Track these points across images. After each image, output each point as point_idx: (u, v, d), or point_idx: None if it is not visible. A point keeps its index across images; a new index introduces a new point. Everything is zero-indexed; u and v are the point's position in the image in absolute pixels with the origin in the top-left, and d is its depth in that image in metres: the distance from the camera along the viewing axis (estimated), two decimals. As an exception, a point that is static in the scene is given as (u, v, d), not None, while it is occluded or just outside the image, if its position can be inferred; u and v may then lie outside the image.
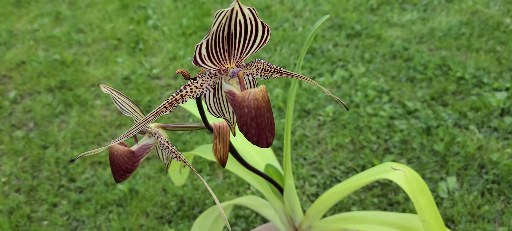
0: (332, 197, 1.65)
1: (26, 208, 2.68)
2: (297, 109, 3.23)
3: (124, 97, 1.18)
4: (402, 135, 2.86)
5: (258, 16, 0.88)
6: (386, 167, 1.54)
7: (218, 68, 0.94)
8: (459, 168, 2.60)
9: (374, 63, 3.70)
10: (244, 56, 0.95)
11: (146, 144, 1.26)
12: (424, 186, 1.51)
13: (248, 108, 0.88)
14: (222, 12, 0.84)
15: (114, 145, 1.22)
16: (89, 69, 4.11)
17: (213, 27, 0.85)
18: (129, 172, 1.25)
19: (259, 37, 0.92)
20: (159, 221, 2.55)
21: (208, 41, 0.87)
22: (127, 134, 0.96)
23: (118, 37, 4.64)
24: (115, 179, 1.26)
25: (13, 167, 3.01)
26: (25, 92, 3.85)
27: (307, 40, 1.59)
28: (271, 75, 1.04)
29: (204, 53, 0.89)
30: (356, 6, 4.71)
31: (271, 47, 4.14)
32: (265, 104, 0.89)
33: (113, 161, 1.23)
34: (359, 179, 1.59)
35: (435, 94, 3.20)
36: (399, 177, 1.47)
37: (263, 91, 0.89)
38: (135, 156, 1.24)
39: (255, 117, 0.89)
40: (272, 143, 0.93)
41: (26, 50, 4.51)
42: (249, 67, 0.99)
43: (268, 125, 0.91)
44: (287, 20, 4.63)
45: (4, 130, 3.39)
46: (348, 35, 4.18)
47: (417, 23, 4.27)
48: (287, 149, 1.66)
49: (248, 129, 0.90)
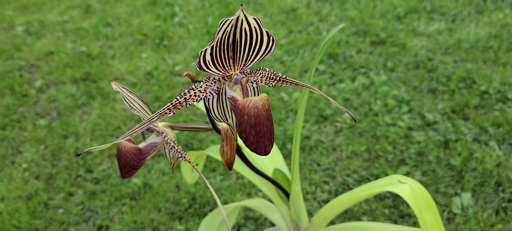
0: (337, 206, 1.64)
1: (43, 195, 2.76)
2: (314, 115, 3.22)
3: (133, 95, 1.20)
4: (419, 146, 2.82)
5: (263, 26, 0.89)
6: (393, 179, 1.52)
7: (223, 74, 0.96)
8: (475, 184, 2.55)
9: (397, 72, 3.66)
10: (249, 63, 0.96)
11: (154, 142, 1.29)
12: (431, 201, 1.49)
13: (248, 115, 0.90)
14: (227, 20, 0.85)
15: (122, 141, 1.25)
16: (113, 62, 4.20)
17: (218, 34, 0.87)
18: (135, 169, 1.28)
19: (264, 46, 0.93)
20: (170, 217, 2.58)
21: (213, 47, 0.89)
22: (131, 132, 0.98)
23: (144, 32, 4.71)
24: (121, 175, 1.30)
25: (34, 154, 3.10)
26: (51, 82, 3.96)
27: (320, 48, 1.59)
28: (276, 83, 1.05)
29: (208, 59, 0.91)
30: (383, 13, 4.67)
31: (294, 51, 4.14)
32: (265, 113, 0.90)
33: (121, 157, 1.26)
34: (365, 190, 1.58)
35: (457, 107, 3.14)
36: (404, 190, 1.45)
37: (263, 100, 0.90)
38: (142, 153, 1.27)
39: (255, 124, 0.90)
40: (270, 151, 0.94)
41: (55, 41, 4.63)
42: (254, 75, 1.00)
43: (267, 133, 0.92)
44: (312, 24, 4.62)
45: (29, 118, 3.49)
46: (372, 42, 4.15)
47: (444, 33, 4.20)
48: (296, 155, 1.67)
49: (247, 136, 0.91)
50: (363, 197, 1.63)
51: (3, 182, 2.89)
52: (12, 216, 2.63)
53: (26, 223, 2.57)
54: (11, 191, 2.81)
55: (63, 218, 2.61)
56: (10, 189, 2.83)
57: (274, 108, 3.35)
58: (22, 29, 4.93)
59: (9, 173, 2.97)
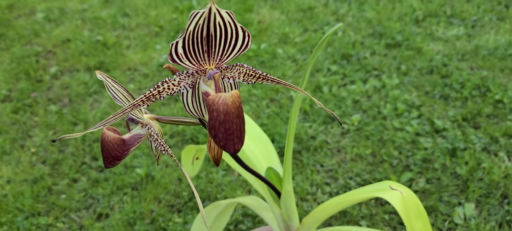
0: (328, 209, 1.62)
1: (48, 180, 2.80)
2: (322, 115, 3.19)
3: (118, 85, 1.20)
4: (425, 153, 2.76)
5: (236, 20, 0.88)
6: (385, 185, 1.49)
7: (197, 68, 0.95)
8: (480, 194, 2.49)
9: (410, 76, 3.59)
10: (225, 59, 0.95)
11: (138, 133, 1.28)
12: (422, 211, 1.45)
13: (217, 112, 0.88)
14: (198, 13, 0.84)
15: (105, 130, 1.25)
16: (128, 53, 4.23)
17: (190, 27, 0.86)
18: (118, 159, 1.28)
19: (239, 41, 0.92)
20: (170, 209, 2.59)
21: (185, 40, 0.87)
22: (104, 122, 0.98)
23: (161, 24, 4.74)
24: (104, 165, 1.30)
25: (43, 139, 3.15)
26: (65, 69, 4.01)
27: (317, 47, 1.57)
28: (256, 80, 1.04)
29: (180, 52, 0.89)
30: (401, 16, 4.58)
31: (307, 49, 4.10)
32: (235, 110, 0.89)
33: (103, 147, 1.26)
34: (355, 194, 1.55)
35: (468, 115, 3.07)
36: (394, 197, 1.42)
37: (234, 97, 0.89)
38: (125, 145, 1.27)
39: (224, 121, 0.88)
40: (239, 149, 0.92)
41: (73, 29, 4.70)
42: (230, 71, 0.99)
43: (237, 131, 0.90)
44: (328, 23, 4.57)
45: (41, 103, 3.54)
46: (387, 45, 4.08)
47: (462, 39, 4.10)
48: (289, 155, 1.65)
49: (216, 133, 0.90)
50: (353, 201, 1.60)
51: (11, 165, 2.95)
52: (16, 198, 2.68)
53: (29, 207, 2.62)
54: (17, 174, 2.87)
55: (65, 203, 2.65)
56: (16, 172, 2.88)
57: (282, 106, 3.33)
58: (42, 16, 5.02)
59: (18, 156, 3.02)
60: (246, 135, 1.96)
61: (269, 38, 4.33)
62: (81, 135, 1.04)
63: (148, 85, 3.73)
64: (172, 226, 2.47)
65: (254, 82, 1.03)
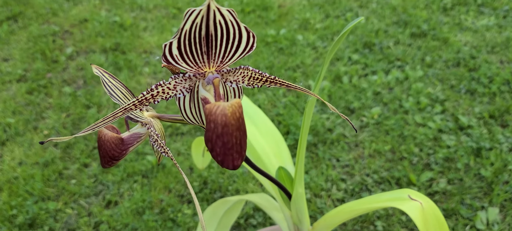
0: (341, 215, 1.52)
1: (59, 164, 2.77)
2: (341, 106, 3.07)
3: (116, 81, 1.12)
4: (448, 151, 2.63)
5: (238, 19, 0.77)
6: (404, 194, 1.39)
7: (195, 71, 0.85)
8: (505, 198, 2.35)
9: (434, 68, 3.43)
10: (226, 61, 0.85)
11: (138, 132, 1.20)
12: (443, 223, 1.34)
13: (214, 123, 0.78)
14: (195, 11, 0.74)
15: (102, 128, 1.17)
16: (144, 35, 4.16)
17: (185, 26, 0.76)
18: (116, 159, 1.20)
19: (243, 42, 0.82)
20: (179, 199, 2.53)
21: (179, 40, 0.78)
22: (92, 127, 0.90)
23: (179, 6, 4.64)
24: (101, 165, 1.22)
25: (56, 121, 3.11)
26: (82, 50, 3.97)
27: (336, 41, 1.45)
28: (263, 84, 0.94)
29: (175, 53, 0.80)
30: (428, 4, 4.38)
31: (328, 37, 3.96)
32: (235, 122, 0.79)
33: (100, 146, 1.18)
34: (371, 202, 1.45)
35: (496, 112, 2.91)
36: (413, 209, 1.32)
37: (234, 107, 0.79)
38: (124, 144, 1.19)
39: (221, 134, 0.79)
40: (239, 165, 0.82)
41: (91, 9, 4.64)
42: (233, 74, 0.89)
43: (236, 145, 0.80)
44: (351, 10, 4.40)
45: (56, 84, 3.51)
46: (412, 34, 3.91)
47: (492, 30, 3.90)
48: (301, 156, 1.55)
49: (213, 147, 0.80)
50: (368, 210, 1.50)
51: (23, 147, 2.92)
52: (26, 181, 2.65)
53: (38, 190, 2.59)
54: (29, 157, 2.84)
55: (74, 189, 2.61)
56: (28, 155, 2.86)
57: (299, 95, 3.21)
58: (61, -6, 4.97)
59: (30, 138, 3.00)
60: (258, 130, 1.86)
61: (289, 24, 4.20)
62: (69, 138, 0.96)
63: (163, 69, 3.66)
64: (181, 217, 2.41)
65: (260, 86, 0.93)
